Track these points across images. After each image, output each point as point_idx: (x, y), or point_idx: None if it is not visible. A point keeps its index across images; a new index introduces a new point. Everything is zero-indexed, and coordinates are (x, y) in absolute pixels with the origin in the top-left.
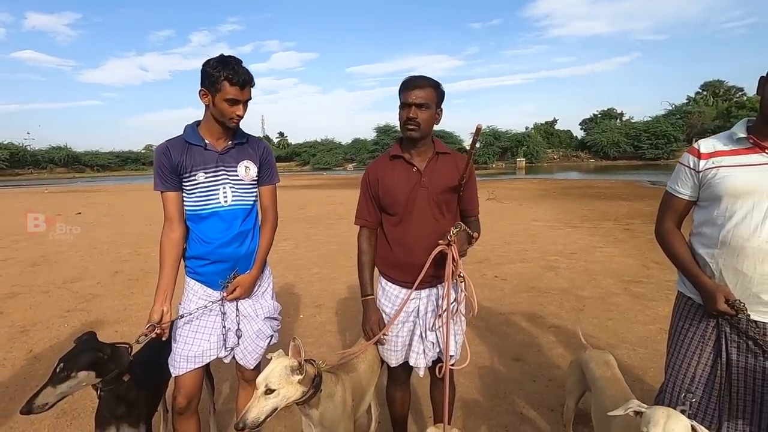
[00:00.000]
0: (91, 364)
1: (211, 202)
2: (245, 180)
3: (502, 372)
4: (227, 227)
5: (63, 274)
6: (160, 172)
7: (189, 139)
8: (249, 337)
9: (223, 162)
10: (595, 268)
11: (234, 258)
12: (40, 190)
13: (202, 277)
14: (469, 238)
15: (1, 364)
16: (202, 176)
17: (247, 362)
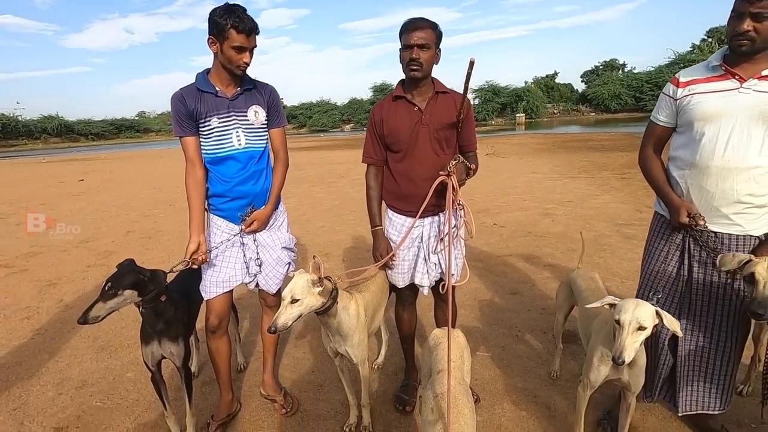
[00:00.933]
0: (134, 284)
1: (226, 144)
2: (255, 124)
3: (500, 304)
4: (242, 167)
5: (77, 235)
6: (178, 119)
7: (201, 87)
8: (269, 265)
9: (234, 107)
10: (590, 214)
11: (251, 194)
12: (38, 160)
13: (223, 212)
14: (467, 170)
15: (37, 312)
16: (215, 121)
17: (269, 287)
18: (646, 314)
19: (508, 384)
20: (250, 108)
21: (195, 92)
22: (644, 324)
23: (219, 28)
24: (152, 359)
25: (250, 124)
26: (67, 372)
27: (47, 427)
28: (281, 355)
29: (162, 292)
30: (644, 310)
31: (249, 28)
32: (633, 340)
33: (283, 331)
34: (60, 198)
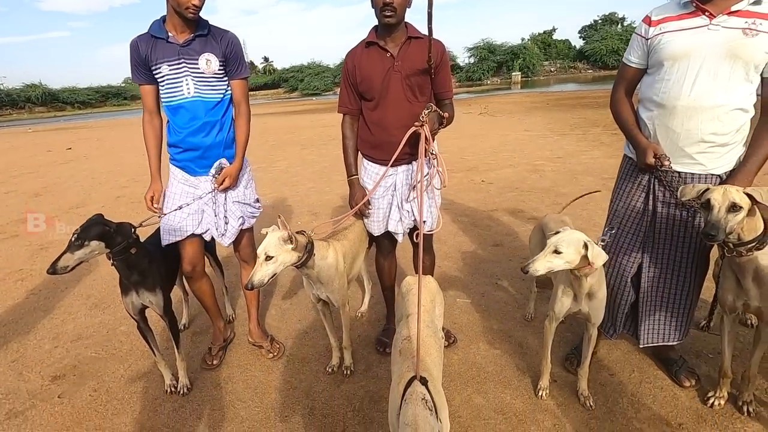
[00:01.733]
0: (100, 236)
1: (177, 94)
2: (207, 73)
3: (483, 255)
4: (192, 117)
5: (67, 201)
6: (134, 66)
7: (154, 33)
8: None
9: (184, 54)
10: (578, 169)
11: (202, 147)
12: (24, 130)
13: (179, 163)
14: (440, 119)
15: (30, 274)
16: (166, 68)
17: (222, 240)
18: (569, 242)
19: (485, 326)
20: (201, 56)
21: (148, 39)
22: (560, 249)
23: None
24: (133, 309)
25: (201, 73)
26: (62, 327)
27: (45, 376)
28: (269, 306)
29: (131, 245)
30: (569, 237)
31: None
32: (546, 260)
33: (260, 287)
34: (48, 166)
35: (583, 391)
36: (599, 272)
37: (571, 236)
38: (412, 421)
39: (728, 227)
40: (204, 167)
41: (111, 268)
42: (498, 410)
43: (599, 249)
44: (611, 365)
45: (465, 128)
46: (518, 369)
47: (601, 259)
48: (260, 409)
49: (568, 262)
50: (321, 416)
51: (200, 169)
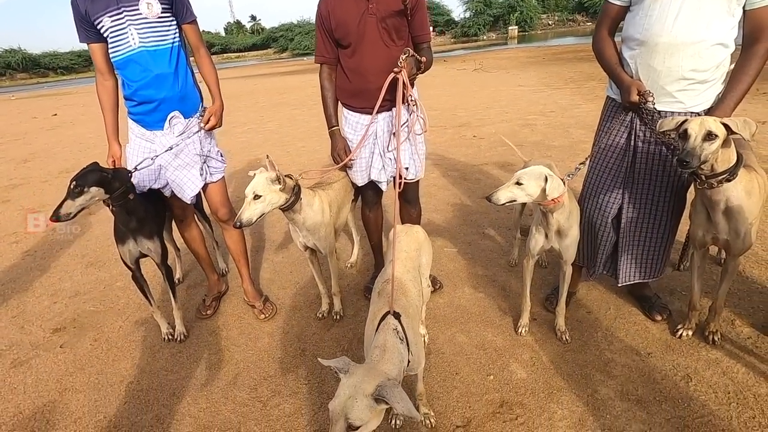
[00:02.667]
0: (99, 182)
1: (123, 46)
2: (150, 18)
3: (471, 207)
4: (143, 70)
5: (57, 166)
6: (77, 24)
7: None
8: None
9: (123, 3)
10: (570, 122)
11: (156, 100)
12: (6, 98)
13: (134, 116)
14: (418, 64)
15: (24, 237)
16: (107, 20)
17: (182, 194)
18: (530, 174)
19: (470, 272)
20: (141, 0)
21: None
22: (521, 181)
23: None
24: (130, 257)
25: (143, 18)
26: (60, 285)
27: (46, 329)
28: (262, 260)
29: (129, 190)
30: (531, 170)
31: None
32: (509, 191)
33: (248, 226)
34: (35, 133)
35: (560, 326)
36: (568, 211)
37: (534, 170)
38: (382, 344)
39: (703, 155)
40: (159, 120)
41: (105, 229)
42: (479, 346)
43: (558, 182)
44: (589, 304)
45: (458, 85)
46: (500, 310)
47: (557, 191)
48: (254, 352)
49: (529, 194)
50: (311, 356)
51: (155, 123)
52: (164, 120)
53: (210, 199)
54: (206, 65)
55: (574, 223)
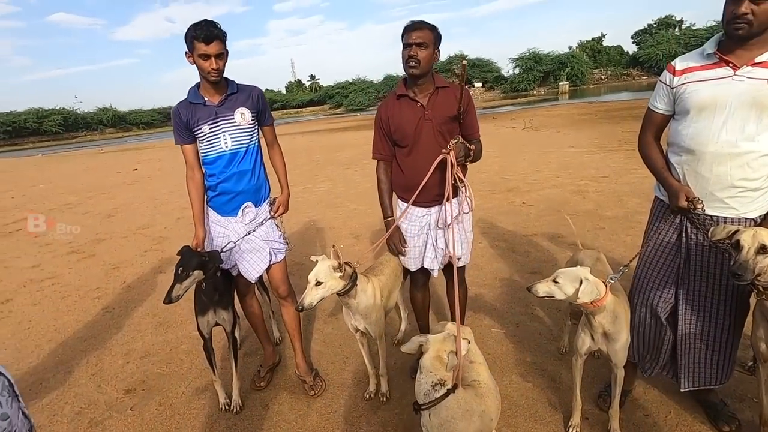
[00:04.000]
0: (199, 265)
1: (215, 147)
2: (243, 124)
3: (520, 283)
4: (226, 166)
5: (135, 222)
6: (177, 129)
7: (192, 99)
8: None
9: (221, 113)
10: (625, 190)
11: (233, 192)
12: (96, 151)
13: (211, 202)
14: (467, 150)
15: (104, 292)
16: (206, 128)
17: (248, 274)
18: (567, 274)
19: (519, 358)
20: (236, 111)
21: (187, 105)
22: (557, 279)
23: (188, 42)
24: (207, 327)
25: (237, 125)
26: (132, 344)
27: (119, 390)
28: (312, 331)
29: (218, 268)
30: (569, 271)
31: (206, 35)
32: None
33: (308, 309)
34: (118, 188)
35: (615, 430)
36: (612, 315)
37: (572, 271)
38: None
39: (757, 269)
40: (233, 209)
41: None
42: None
43: (592, 287)
44: (647, 405)
45: (507, 145)
46: (550, 404)
47: (588, 296)
48: (303, 430)
49: (566, 294)
50: None
51: (230, 211)
52: (238, 209)
53: (272, 278)
54: (278, 159)
55: (621, 328)
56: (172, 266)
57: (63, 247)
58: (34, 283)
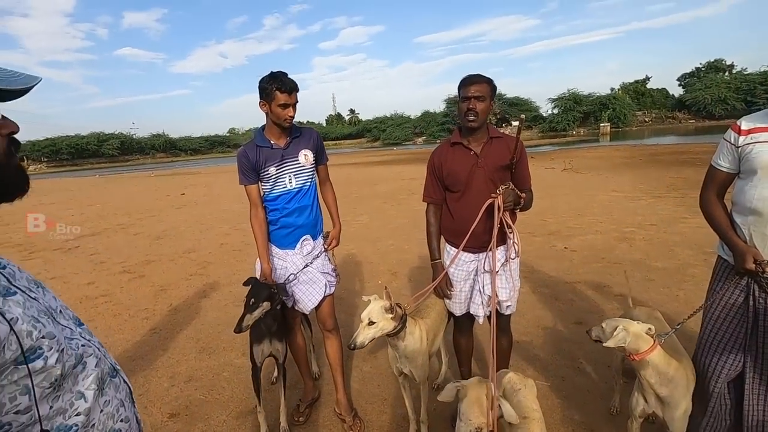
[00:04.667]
0: (268, 297)
1: (280, 186)
2: (306, 165)
3: (564, 333)
4: (289, 203)
5: (182, 245)
6: (243, 171)
7: (259, 143)
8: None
9: (287, 155)
10: (675, 240)
11: (294, 226)
12: (147, 174)
13: (272, 236)
14: (516, 197)
15: (152, 313)
16: (273, 169)
17: (304, 306)
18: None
19: (565, 416)
20: (300, 153)
21: (255, 148)
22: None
23: (266, 92)
24: (261, 357)
25: (301, 166)
26: (177, 368)
27: (164, 413)
28: (352, 368)
29: (280, 301)
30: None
31: (290, 87)
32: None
33: (360, 349)
34: (167, 211)
35: None
36: (663, 376)
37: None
38: None
39: None
40: (292, 242)
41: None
42: None
43: (623, 334)
44: None
45: (547, 186)
46: None
47: (615, 341)
48: None
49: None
50: None
51: (289, 244)
52: (297, 242)
53: (321, 310)
54: (331, 195)
55: (679, 393)
56: (216, 291)
57: (116, 266)
58: (89, 300)
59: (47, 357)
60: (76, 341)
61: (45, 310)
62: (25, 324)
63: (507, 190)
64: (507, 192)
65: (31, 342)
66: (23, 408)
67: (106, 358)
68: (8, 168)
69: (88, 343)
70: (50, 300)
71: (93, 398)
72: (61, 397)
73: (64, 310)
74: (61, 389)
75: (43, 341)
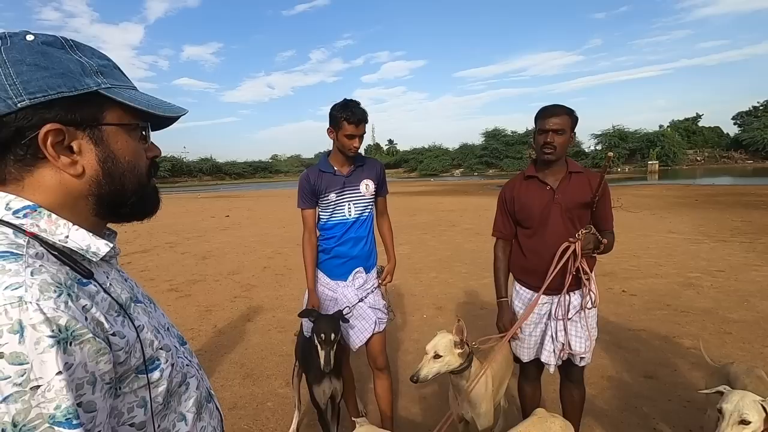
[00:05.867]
0: (338, 330)
1: (338, 214)
2: (366, 195)
3: (633, 387)
4: (344, 232)
5: (226, 267)
6: (303, 194)
7: (322, 168)
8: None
9: (349, 183)
10: (750, 289)
11: (348, 256)
12: (194, 196)
13: (323, 266)
14: (597, 242)
15: (198, 333)
16: (333, 196)
17: (352, 343)
18: (751, 405)
19: None
20: (362, 182)
21: (318, 172)
22: (747, 417)
23: (335, 121)
24: (324, 398)
25: (361, 196)
26: (221, 393)
27: None
28: (400, 408)
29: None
30: (746, 401)
31: (358, 119)
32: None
33: (423, 382)
34: (212, 231)
35: None
36: None
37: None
38: None
39: None
40: (344, 273)
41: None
42: None
43: None
44: None
45: None
46: None
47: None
48: None
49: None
50: None
51: (341, 275)
52: (349, 273)
53: (371, 348)
54: (387, 228)
55: None
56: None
57: (164, 284)
58: None
59: (163, 369)
60: (181, 360)
61: (158, 323)
62: (149, 333)
63: (587, 234)
64: (587, 237)
65: (151, 351)
66: (138, 422)
67: (204, 381)
68: (148, 187)
69: (190, 363)
70: (160, 316)
71: (192, 422)
72: (167, 416)
73: (171, 328)
74: (169, 407)
75: (161, 352)
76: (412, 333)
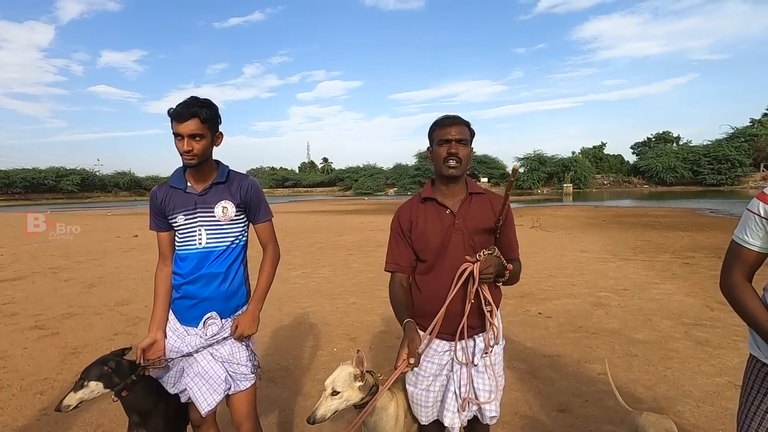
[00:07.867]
0: (98, 377)
1: (189, 243)
2: (222, 220)
3: (547, 424)
4: (195, 267)
5: (116, 296)
6: (152, 214)
7: (173, 183)
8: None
9: (201, 203)
10: (651, 307)
11: (198, 297)
12: (104, 213)
13: (174, 305)
14: (501, 267)
15: (52, 386)
16: (182, 218)
17: (198, 404)
18: None
19: None
20: (218, 204)
21: (167, 189)
22: None
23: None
24: None
25: (216, 221)
26: None
27: None
28: None
29: (129, 386)
30: None
31: (177, 112)
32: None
33: (321, 422)
34: (112, 254)
35: None
36: None
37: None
38: None
39: None
40: (195, 317)
41: None
42: None
43: None
44: None
45: None
46: None
47: None
48: None
49: None
50: None
51: (191, 319)
52: (200, 318)
53: (234, 411)
54: (267, 264)
55: None
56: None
57: (28, 320)
58: None
59: None
60: None
61: None
62: None
63: (490, 256)
64: (488, 259)
65: None
66: None
67: None
68: None
69: None
70: None
71: None
72: None
73: None
74: None
75: None
76: (318, 371)
